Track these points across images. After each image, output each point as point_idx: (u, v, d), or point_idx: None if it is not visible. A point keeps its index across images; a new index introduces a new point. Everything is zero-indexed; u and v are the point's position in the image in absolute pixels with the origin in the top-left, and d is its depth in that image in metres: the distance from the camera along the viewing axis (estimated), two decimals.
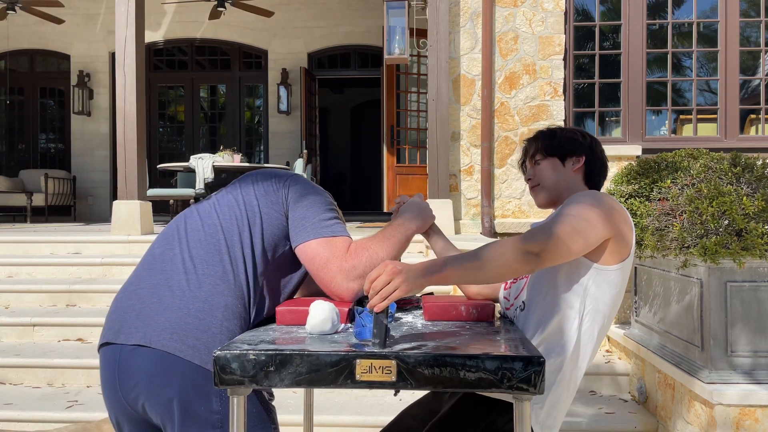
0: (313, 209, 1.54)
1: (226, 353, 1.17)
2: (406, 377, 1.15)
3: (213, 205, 1.57)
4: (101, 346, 1.51)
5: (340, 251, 1.51)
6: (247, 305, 1.50)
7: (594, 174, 1.73)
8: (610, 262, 1.53)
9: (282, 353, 1.17)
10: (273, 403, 1.57)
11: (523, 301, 1.61)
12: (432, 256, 4.55)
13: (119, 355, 1.44)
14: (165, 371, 1.39)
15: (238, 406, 1.21)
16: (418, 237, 4.94)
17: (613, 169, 5.38)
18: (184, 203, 8.08)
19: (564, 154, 1.71)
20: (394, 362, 1.15)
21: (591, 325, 1.55)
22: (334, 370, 1.15)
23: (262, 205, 1.54)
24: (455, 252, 1.81)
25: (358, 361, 1.15)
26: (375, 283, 1.25)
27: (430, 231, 1.84)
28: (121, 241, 5.32)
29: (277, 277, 1.55)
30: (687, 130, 5.80)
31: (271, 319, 1.57)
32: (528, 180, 1.76)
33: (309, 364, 1.16)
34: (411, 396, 3.30)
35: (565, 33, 5.63)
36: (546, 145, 1.72)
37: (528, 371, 1.14)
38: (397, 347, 1.20)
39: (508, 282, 1.72)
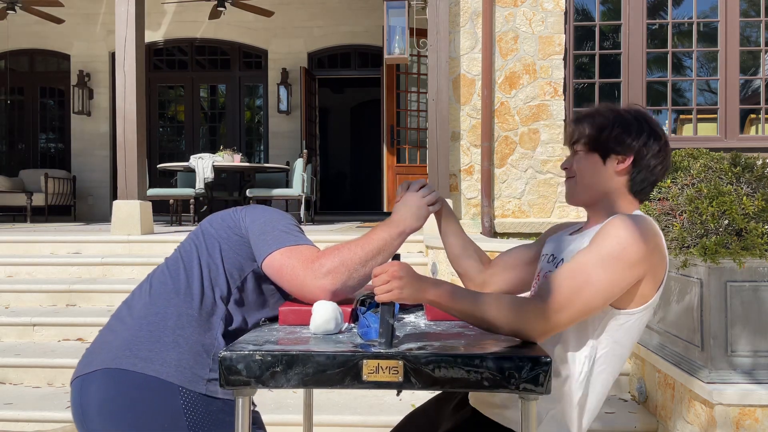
0: (273, 224, 1.53)
1: (232, 354, 1.17)
2: (412, 377, 1.15)
3: (176, 248, 1.63)
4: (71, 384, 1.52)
5: (306, 257, 1.45)
6: (210, 312, 1.49)
7: (639, 181, 1.45)
8: (636, 304, 1.36)
9: (289, 354, 1.16)
10: (256, 409, 1.59)
11: None
12: (432, 257, 4.55)
13: (80, 387, 1.45)
14: (118, 393, 1.40)
15: (243, 407, 1.21)
16: (417, 237, 4.94)
17: None
18: (184, 203, 8.08)
19: (607, 152, 1.44)
20: (401, 362, 1.15)
21: (605, 369, 1.40)
22: (341, 371, 1.15)
23: (220, 231, 1.55)
24: (472, 255, 1.69)
25: (365, 361, 1.15)
26: (375, 279, 1.25)
27: (444, 224, 1.68)
28: (121, 241, 5.32)
29: (250, 296, 1.54)
30: (687, 130, 5.81)
31: (272, 319, 1.56)
32: (564, 168, 1.52)
33: (316, 364, 1.16)
34: (411, 396, 3.30)
35: (565, 33, 5.63)
36: (591, 138, 1.46)
37: (535, 371, 1.14)
38: (403, 347, 1.20)
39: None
